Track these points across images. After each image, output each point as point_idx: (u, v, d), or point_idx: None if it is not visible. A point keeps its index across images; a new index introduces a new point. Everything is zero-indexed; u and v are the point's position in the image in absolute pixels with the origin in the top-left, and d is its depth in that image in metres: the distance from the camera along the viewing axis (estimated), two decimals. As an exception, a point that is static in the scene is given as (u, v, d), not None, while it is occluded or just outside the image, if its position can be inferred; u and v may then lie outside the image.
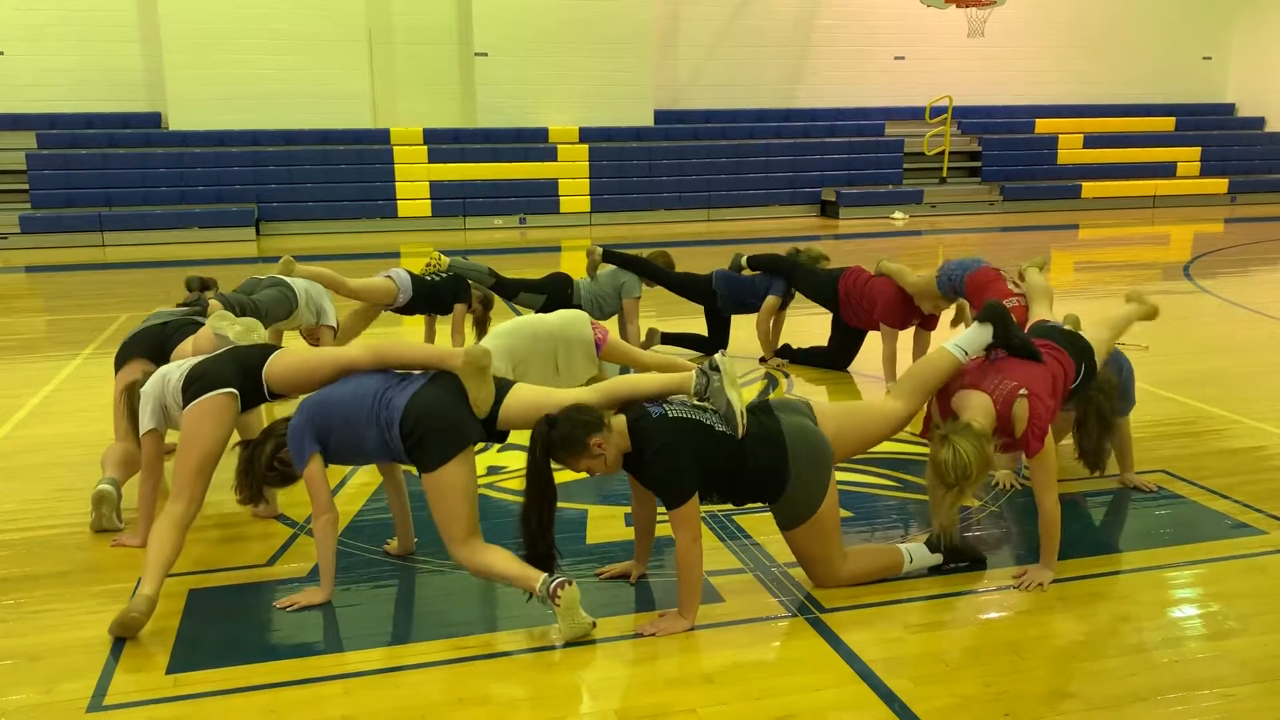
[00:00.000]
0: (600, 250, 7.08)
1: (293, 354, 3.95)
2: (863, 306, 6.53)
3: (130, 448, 4.41)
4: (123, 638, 3.40)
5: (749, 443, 3.49)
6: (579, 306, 6.77)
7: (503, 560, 3.46)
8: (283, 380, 3.85)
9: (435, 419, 3.47)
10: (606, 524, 4.37)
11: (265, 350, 3.98)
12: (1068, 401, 4.18)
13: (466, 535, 3.49)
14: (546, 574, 3.36)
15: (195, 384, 3.81)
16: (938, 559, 3.85)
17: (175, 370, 4.05)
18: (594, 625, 3.38)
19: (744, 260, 7.14)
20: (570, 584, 3.31)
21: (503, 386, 3.64)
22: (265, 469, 3.71)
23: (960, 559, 3.89)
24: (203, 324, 4.70)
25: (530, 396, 3.63)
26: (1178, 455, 5.17)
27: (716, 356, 3.52)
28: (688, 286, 7.29)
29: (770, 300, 6.95)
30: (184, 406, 3.80)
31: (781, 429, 3.57)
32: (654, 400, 3.54)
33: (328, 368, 3.76)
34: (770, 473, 3.52)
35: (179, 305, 5.06)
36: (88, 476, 4.62)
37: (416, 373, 3.67)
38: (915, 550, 3.84)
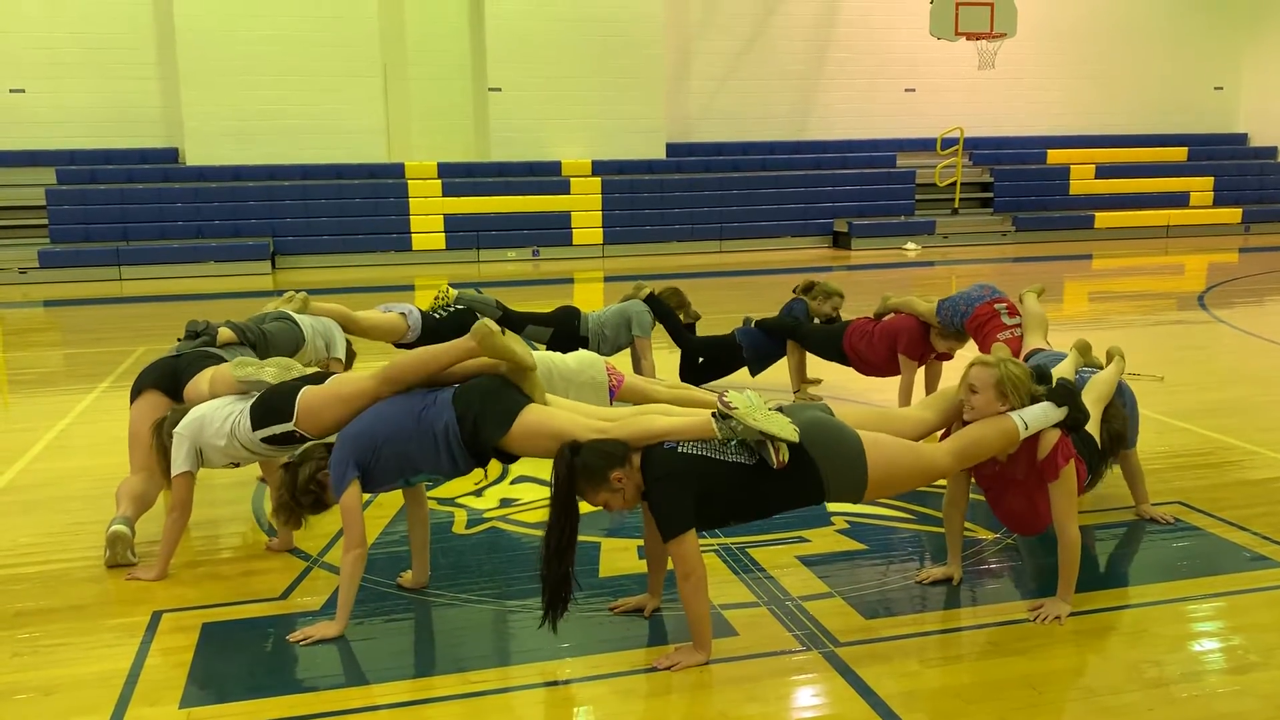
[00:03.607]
0: (648, 291, 6.99)
1: (312, 392, 3.95)
2: (877, 354, 6.38)
3: (146, 481, 4.42)
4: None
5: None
6: (585, 339, 6.76)
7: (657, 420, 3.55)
8: (307, 420, 3.89)
9: (487, 389, 3.61)
10: (620, 556, 4.35)
11: (304, 381, 4.04)
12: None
13: (585, 429, 3.53)
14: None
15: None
16: (1062, 414, 3.69)
17: (212, 410, 4.09)
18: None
19: (754, 324, 7.03)
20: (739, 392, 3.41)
21: (515, 408, 3.64)
22: (301, 492, 3.74)
23: (1078, 410, 3.74)
24: (217, 356, 4.71)
25: (538, 421, 3.62)
26: (1194, 486, 5.12)
27: (726, 399, 3.40)
28: (712, 349, 7.09)
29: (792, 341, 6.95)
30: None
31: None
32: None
33: (348, 402, 3.79)
34: (801, 478, 3.44)
35: (179, 339, 5.07)
36: (103, 510, 4.64)
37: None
38: (1031, 415, 3.67)
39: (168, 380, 4.65)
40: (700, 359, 7.06)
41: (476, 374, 3.73)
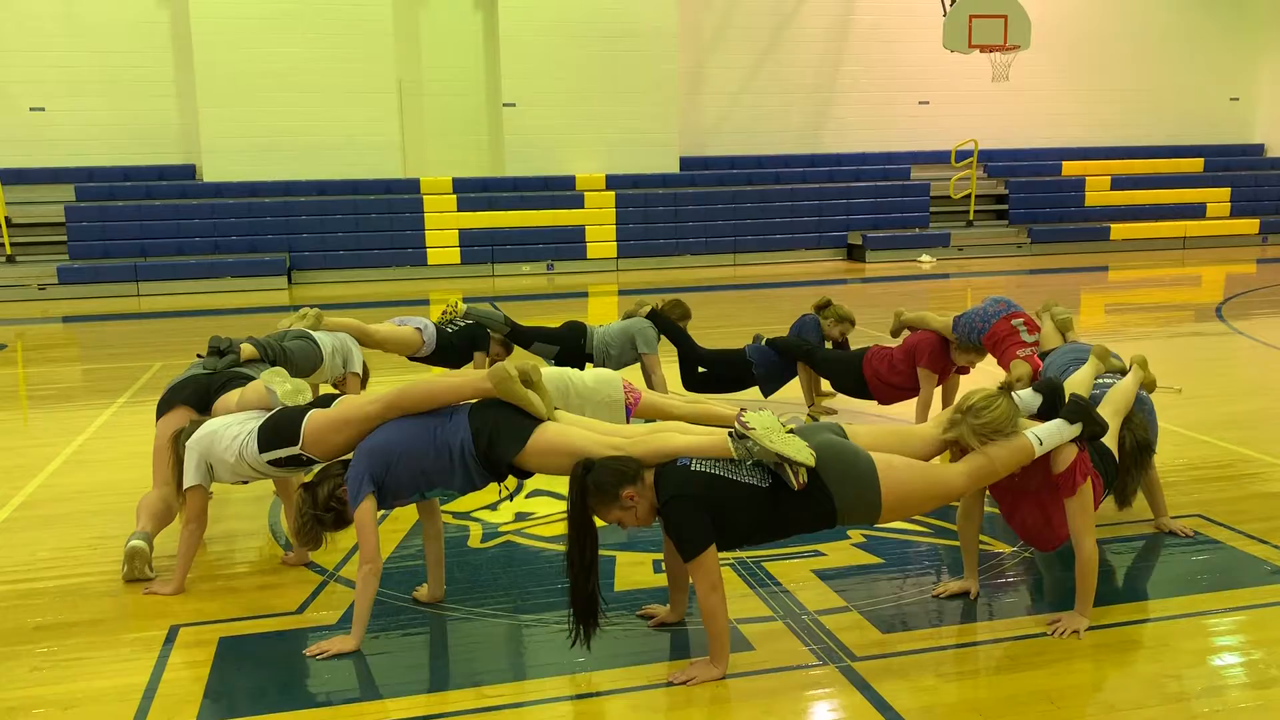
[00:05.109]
0: (649, 308, 6.93)
1: (319, 416, 3.96)
2: (900, 375, 6.29)
3: (167, 496, 4.43)
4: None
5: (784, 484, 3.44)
6: (590, 356, 6.75)
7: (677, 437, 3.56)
8: (313, 444, 3.90)
9: (501, 410, 3.63)
10: (635, 570, 4.35)
11: (311, 405, 4.06)
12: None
13: (601, 447, 3.54)
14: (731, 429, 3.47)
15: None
16: (1076, 430, 3.71)
17: (222, 427, 4.11)
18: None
19: (764, 342, 6.96)
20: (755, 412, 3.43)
21: (530, 426, 3.66)
22: (322, 510, 3.76)
23: (1093, 425, 3.79)
24: (250, 377, 4.74)
25: (553, 438, 3.64)
26: (1214, 499, 5.09)
27: (743, 419, 3.41)
28: (721, 363, 6.96)
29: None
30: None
31: None
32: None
33: (354, 426, 3.80)
34: (815, 503, 3.44)
35: (198, 356, 5.10)
36: (122, 525, 4.67)
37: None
38: (1045, 431, 3.68)
39: (200, 397, 4.67)
40: (701, 369, 6.95)
41: (486, 392, 3.74)
